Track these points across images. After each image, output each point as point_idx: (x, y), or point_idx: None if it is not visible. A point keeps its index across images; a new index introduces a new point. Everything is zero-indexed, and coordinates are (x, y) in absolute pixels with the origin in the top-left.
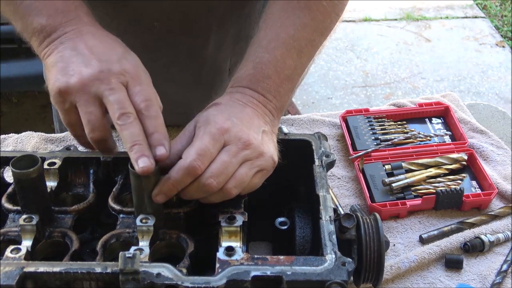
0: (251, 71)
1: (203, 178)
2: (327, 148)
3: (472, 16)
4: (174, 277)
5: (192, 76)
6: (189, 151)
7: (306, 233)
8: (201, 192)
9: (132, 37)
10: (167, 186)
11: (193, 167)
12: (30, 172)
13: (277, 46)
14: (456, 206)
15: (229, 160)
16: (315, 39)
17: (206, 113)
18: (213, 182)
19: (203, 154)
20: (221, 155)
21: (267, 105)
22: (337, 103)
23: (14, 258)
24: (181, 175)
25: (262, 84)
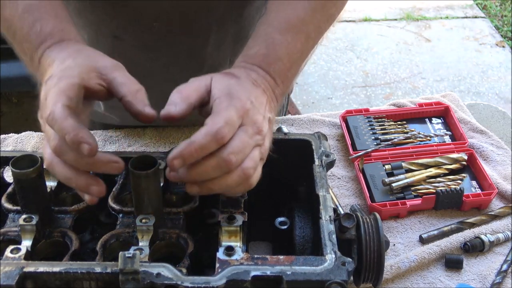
0: (264, 50)
1: (224, 153)
2: (327, 148)
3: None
4: (174, 277)
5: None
6: (216, 118)
7: (306, 233)
8: (219, 170)
9: (132, 37)
10: (189, 149)
11: (222, 134)
12: (30, 172)
13: (288, 28)
14: (456, 206)
15: (247, 140)
16: (322, 26)
17: (227, 83)
18: (233, 158)
19: (230, 124)
20: (239, 133)
21: (275, 90)
22: (337, 103)
23: (14, 258)
24: (208, 140)
25: (274, 66)
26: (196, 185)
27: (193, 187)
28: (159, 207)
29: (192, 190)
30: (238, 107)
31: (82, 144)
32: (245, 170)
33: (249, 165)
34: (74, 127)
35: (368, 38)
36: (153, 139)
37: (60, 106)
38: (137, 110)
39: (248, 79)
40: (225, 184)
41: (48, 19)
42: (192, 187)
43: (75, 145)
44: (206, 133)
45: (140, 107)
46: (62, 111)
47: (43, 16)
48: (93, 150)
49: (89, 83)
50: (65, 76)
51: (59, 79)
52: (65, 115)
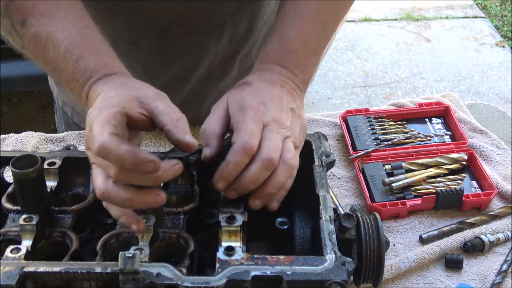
0: (277, 47)
1: (262, 154)
2: (327, 148)
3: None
4: (174, 277)
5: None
6: (239, 135)
7: (306, 233)
8: (265, 170)
9: (149, 43)
10: (228, 170)
11: (249, 145)
12: (30, 172)
13: (302, 20)
14: (456, 206)
15: (275, 136)
16: (337, 12)
17: (238, 96)
18: (273, 155)
19: (252, 134)
20: (266, 133)
21: (295, 80)
22: (337, 103)
23: (14, 258)
24: (239, 156)
25: (289, 59)
26: (257, 199)
27: (256, 201)
28: (159, 207)
29: (257, 204)
30: (252, 115)
31: (144, 164)
32: (288, 161)
33: (289, 156)
34: (129, 151)
35: (368, 38)
36: (153, 139)
37: (108, 136)
38: (177, 139)
39: (260, 81)
40: (278, 182)
41: (90, 56)
42: (255, 202)
43: (137, 167)
44: (236, 151)
45: (180, 136)
46: (112, 140)
47: (85, 53)
48: (156, 166)
49: (131, 112)
50: (106, 106)
51: (100, 110)
52: (117, 143)
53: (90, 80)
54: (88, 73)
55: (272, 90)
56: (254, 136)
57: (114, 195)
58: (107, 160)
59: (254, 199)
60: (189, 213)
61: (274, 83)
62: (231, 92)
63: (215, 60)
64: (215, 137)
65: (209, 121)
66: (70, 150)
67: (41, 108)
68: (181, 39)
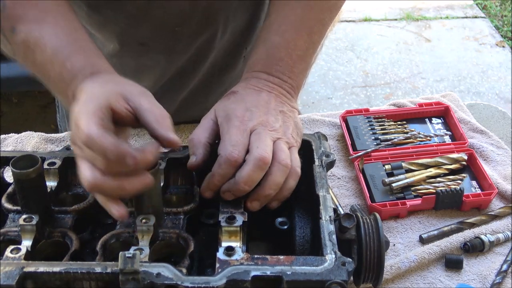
0: (263, 55)
1: (253, 154)
2: (327, 148)
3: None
4: (174, 277)
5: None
6: (223, 146)
7: (306, 233)
8: (258, 169)
9: (156, 43)
10: (213, 181)
11: (232, 156)
12: (30, 172)
13: (287, 28)
14: (456, 206)
15: (264, 137)
16: (324, 18)
17: (223, 106)
18: (264, 153)
19: (236, 144)
20: (253, 136)
21: (282, 85)
22: (337, 103)
23: (14, 258)
24: (223, 168)
25: (275, 67)
26: (254, 200)
27: (254, 203)
28: (159, 207)
29: (255, 206)
30: (237, 124)
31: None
32: (282, 161)
33: (282, 156)
34: (114, 144)
35: (368, 38)
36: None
37: (95, 127)
38: (160, 135)
39: (246, 89)
40: (274, 182)
41: (77, 56)
42: (253, 204)
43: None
44: (220, 163)
45: (163, 131)
46: (98, 131)
47: (72, 54)
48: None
49: (116, 107)
50: (92, 99)
51: (86, 104)
52: (104, 135)
53: (76, 79)
54: (74, 72)
55: (258, 96)
56: (237, 147)
57: (105, 185)
58: (93, 151)
59: (251, 201)
60: (189, 213)
61: (260, 90)
62: (219, 102)
63: (219, 55)
64: (201, 146)
65: (196, 131)
66: (70, 150)
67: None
68: (188, 37)
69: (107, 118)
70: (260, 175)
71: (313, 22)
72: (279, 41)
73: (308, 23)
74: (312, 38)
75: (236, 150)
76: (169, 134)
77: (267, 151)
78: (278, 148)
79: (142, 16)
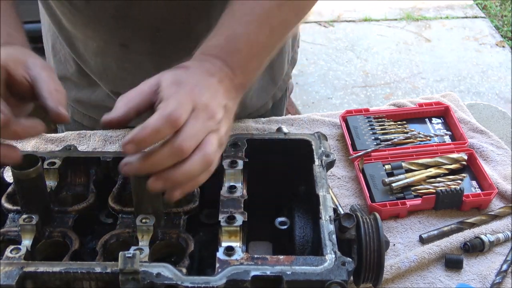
0: (223, 42)
1: (177, 139)
2: (327, 148)
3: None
4: (174, 277)
5: None
6: (167, 102)
7: (306, 233)
8: (173, 157)
9: (137, 46)
10: (142, 133)
11: (176, 116)
12: (30, 172)
13: (251, 20)
14: (456, 206)
15: (199, 126)
16: (290, 20)
17: (172, 74)
18: (186, 144)
19: (183, 107)
20: (191, 119)
21: (234, 79)
22: (337, 103)
23: (14, 258)
24: (162, 123)
25: (232, 57)
26: (159, 180)
27: (157, 182)
28: (159, 207)
29: (156, 185)
30: (187, 90)
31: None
32: (206, 156)
33: (209, 150)
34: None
35: (368, 38)
36: None
37: None
38: (50, 108)
39: (199, 69)
40: (188, 172)
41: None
42: (155, 183)
43: None
44: (159, 116)
45: (52, 103)
46: None
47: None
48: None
49: (14, 72)
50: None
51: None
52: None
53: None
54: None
55: (210, 80)
56: (184, 109)
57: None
58: None
59: (156, 179)
60: (189, 213)
61: (212, 75)
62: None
63: None
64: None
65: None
66: (70, 150)
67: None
68: (170, 42)
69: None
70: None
71: (277, 21)
72: (241, 31)
73: (273, 20)
74: (273, 37)
75: (180, 110)
76: (59, 107)
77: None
78: (208, 140)
79: (122, 17)
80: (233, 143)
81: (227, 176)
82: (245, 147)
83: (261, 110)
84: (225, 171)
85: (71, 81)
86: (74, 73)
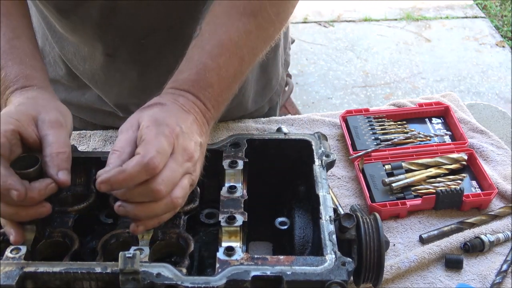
0: (194, 76)
1: (155, 183)
2: (327, 148)
3: (472, 16)
4: (174, 277)
5: None
6: (147, 147)
7: (306, 233)
8: (146, 197)
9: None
10: (118, 178)
11: (153, 164)
12: (30, 172)
13: (221, 53)
14: (456, 206)
15: (177, 169)
16: (258, 47)
17: (152, 113)
18: (163, 189)
19: (162, 153)
20: (170, 162)
21: (206, 114)
22: (337, 103)
23: (14, 258)
24: (138, 170)
25: (204, 92)
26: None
27: (120, 209)
28: None
29: (119, 211)
30: (167, 134)
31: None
32: (174, 199)
33: (178, 194)
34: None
35: (368, 38)
36: None
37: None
38: (48, 174)
39: (175, 105)
40: (153, 212)
41: (13, 66)
42: (119, 209)
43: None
44: (137, 163)
45: (52, 171)
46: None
47: (9, 63)
48: (21, 196)
49: (25, 131)
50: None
51: None
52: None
53: (9, 89)
54: (7, 83)
55: (187, 118)
56: (162, 157)
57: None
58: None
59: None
60: (189, 213)
61: (187, 112)
62: (141, 110)
63: None
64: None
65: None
66: None
67: None
68: (155, 51)
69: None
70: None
71: (246, 50)
72: (211, 65)
73: (242, 50)
74: (242, 67)
75: (159, 158)
76: (59, 173)
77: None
78: (181, 185)
79: (107, 26)
80: (233, 143)
81: (227, 176)
82: (245, 147)
83: (255, 114)
84: (225, 171)
85: (61, 83)
86: (64, 76)
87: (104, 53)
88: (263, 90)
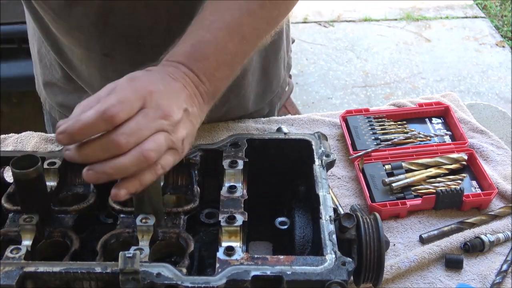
0: (188, 48)
1: (114, 134)
2: (327, 148)
3: (472, 16)
4: (174, 277)
5: None
6: (109, 97)
7: (306, 233)
8: (105, 151)
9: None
10: (74, 126)
11: (111, 112)
12: (30, 172)
13: (220, 28)
14: (456, 206)
15: (145, 123)
16: (261, 28)
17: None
18: (122, 140)
19: (124, 102)
20: (137, 116)
21: (199, 86)
22: (337, 103)
23: (14, 258)
24: (95, 117)
25: (198, 64)
26: (92, 170)
27: (88, 172)
28: (159, 207)
29: (88, 176)
30: (137, 87)
31: None
32: (144, 151)
33: (150, 147)
34: None
35: (368, 38)
36: None
37: None
38: None
39: (161, 72)
40: (122, 167)
41: None
42: (87, 173)
43: None
44: (94, 111)
45: None
46: None
47: None
48: None
49: None
50: None
51: None
52: None
53: None
54: None
55: (171, 83)
56: (123, 106)
57: None
58: None
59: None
60: (189, 213)
61: (176, 79)
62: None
63: None
64: None
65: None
66: None
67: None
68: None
69: None
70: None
71: (248, 29)
72: (208, 38)
73: (243, 29)
74: (243, 46)
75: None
76: None
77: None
78: (152, 138)
79: (103, 25)
80: (233, 143)
81: (227, 176)
82: (245, 147)
83: (255, 115)
84: (225, 171)
85: (57, 86)
86: (61, 79)
87: (101, 54)
88: (264, 92)
